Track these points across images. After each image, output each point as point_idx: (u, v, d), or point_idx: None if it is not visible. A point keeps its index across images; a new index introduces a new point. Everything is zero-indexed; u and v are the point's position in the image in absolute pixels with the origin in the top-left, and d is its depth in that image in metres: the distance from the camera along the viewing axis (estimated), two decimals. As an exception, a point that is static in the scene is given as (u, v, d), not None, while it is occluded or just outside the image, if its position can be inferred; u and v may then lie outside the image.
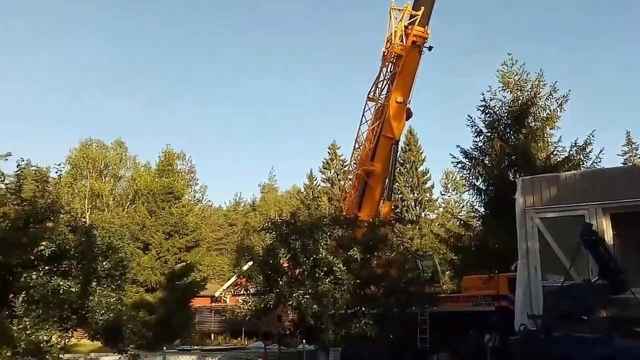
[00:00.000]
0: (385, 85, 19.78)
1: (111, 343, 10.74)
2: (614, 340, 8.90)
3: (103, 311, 10.10)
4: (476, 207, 24.23)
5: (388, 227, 17.44)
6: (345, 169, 47.91)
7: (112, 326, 10.21)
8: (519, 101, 22.63)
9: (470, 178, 22.97)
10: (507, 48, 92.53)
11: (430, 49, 19.59)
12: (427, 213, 43.65)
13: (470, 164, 22.62)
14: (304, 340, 14.50)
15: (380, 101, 19.71)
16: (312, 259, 14.09)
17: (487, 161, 22.54)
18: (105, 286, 10.62)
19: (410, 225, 37.44)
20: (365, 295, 14.98)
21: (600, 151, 21.37)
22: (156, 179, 38.68)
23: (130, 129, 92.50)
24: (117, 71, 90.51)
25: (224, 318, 27.07)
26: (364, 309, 14.48)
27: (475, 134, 22.73)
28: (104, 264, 10.75)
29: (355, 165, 20.96)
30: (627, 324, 9.92)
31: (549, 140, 22.67)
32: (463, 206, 43.08)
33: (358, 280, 14.33)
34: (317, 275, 14.00)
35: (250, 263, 16.59)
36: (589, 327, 9.33)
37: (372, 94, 19.92)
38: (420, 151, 43.82)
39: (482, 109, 22.83)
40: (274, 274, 14.70)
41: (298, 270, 14.86)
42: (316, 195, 50.39)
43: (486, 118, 22.80)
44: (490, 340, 14.24)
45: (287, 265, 15.19)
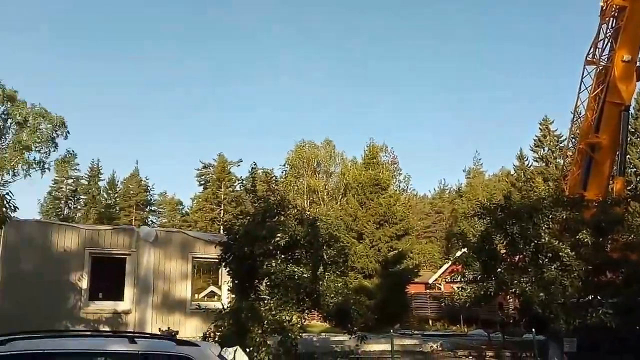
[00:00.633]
0: (607, 43, 17.76)
1: (342, 324, 11.64)
2: None
3: (332, 295, 11.02)
4: None
5: (623, 206, 15.50)
6: (562, 144, 43.69)
7: (342, 309, 11.07)
8: None
9: None
10: None
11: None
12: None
13: None
14: (533, 330, 13.73)
15: (602, 63, 17.74)
16: (534, 244, 13.30)
17: None
18: (331, 272, 11.56)
19: (649, 203, 32.36)
20: (600, 282, 13.79)
21: None
22: (363, 172, 40.83)
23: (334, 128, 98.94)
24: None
25: (442, 304, 27.09)
26: (599, 297, 13.28)
27: None
28: (329, 251, 11.69)
29: (575, 140, 19.13)
30: None
31: None
32: None
33: (590, 267, 13.18)
34: (541, 261, 13.22)
35: (463, 250, 16.30)
36: None
37: (592, 55, 18.07)
38: (656, 115, 37.72)
39: None
40: (490, 261, 14.21)
41: (518, 256, 14.14)
42: (529, 176, 47.19)
43: None
44: None
45: (505, 251, 14.54)
